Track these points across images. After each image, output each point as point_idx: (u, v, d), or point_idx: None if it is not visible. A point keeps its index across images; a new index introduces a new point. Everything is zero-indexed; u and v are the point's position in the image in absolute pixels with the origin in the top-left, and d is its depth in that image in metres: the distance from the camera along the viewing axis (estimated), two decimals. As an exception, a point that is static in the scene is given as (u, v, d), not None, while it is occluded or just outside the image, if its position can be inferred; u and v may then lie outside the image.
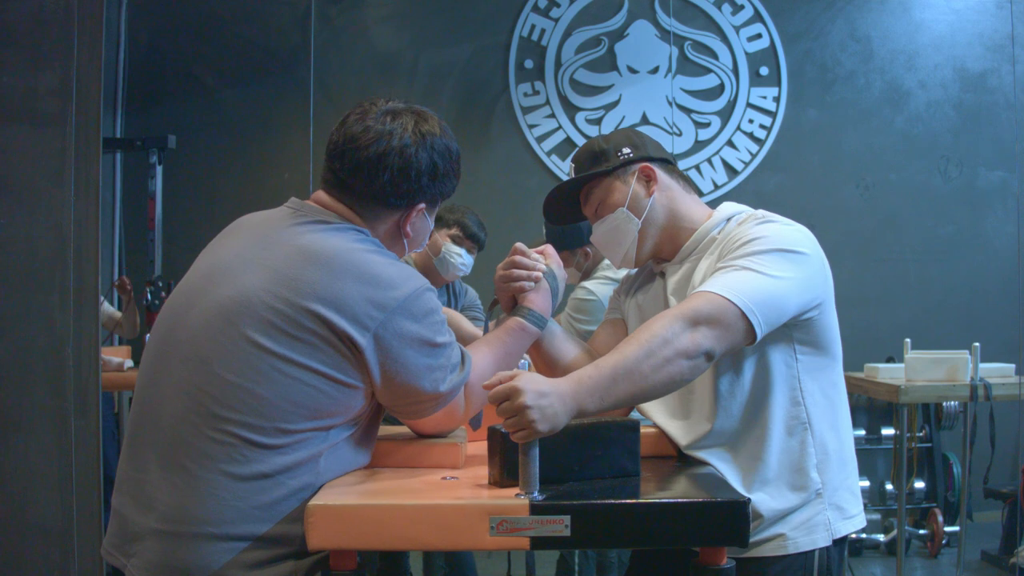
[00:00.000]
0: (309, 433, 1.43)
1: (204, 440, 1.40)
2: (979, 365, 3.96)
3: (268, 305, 1.42)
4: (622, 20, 5.48)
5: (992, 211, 5.47)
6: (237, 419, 1.40)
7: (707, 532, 1.35)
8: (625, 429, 1.52)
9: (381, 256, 1.50)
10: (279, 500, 1.41)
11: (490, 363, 1.63)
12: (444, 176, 1.61)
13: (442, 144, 1.60)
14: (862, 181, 5.46)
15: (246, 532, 1.39)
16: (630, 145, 1.80)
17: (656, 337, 1.47)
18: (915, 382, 3.99)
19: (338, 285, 1.42)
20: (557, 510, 1.32)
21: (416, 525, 1.33)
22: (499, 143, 5.47)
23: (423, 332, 1.48)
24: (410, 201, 1.58)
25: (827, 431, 1.68)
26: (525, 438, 1.35)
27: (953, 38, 5.48)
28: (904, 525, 4.19)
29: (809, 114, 5.50)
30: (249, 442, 1.40)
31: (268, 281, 1.43)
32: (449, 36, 5.46)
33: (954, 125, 5.49)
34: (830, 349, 1.71)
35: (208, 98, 5.41)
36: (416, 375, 1.48)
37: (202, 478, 1.39)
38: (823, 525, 1.65)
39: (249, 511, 1.39)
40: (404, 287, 1.46)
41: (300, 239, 1.48)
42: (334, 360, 1.42)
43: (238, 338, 1.41)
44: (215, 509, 1.38)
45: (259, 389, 1.40)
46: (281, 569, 1.41)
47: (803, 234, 1.67)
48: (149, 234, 5.02)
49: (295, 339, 1.41)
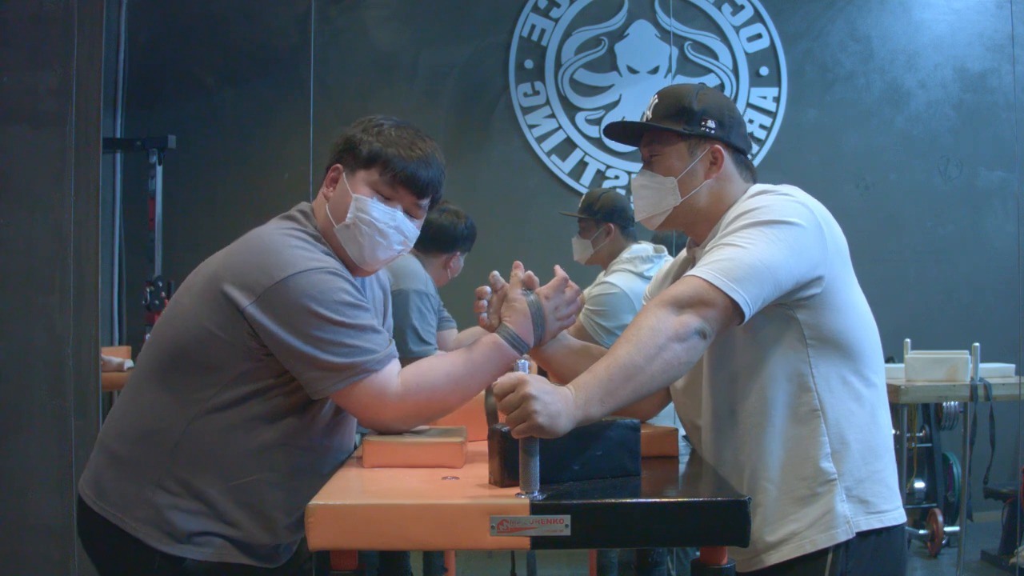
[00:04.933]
0: (198, 376, 1.63)
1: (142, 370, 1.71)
2: (979, 365, 3.96)
3: (200, 275, 1.69)
4: (622, 20, 5.48)
5: (992, 211, 5.47)
6: (155, 350, 1.69)
7: (708, 531, 1.35)
8: (626, 429, 1.51)
9: (295, 240, 1.65)
10: (161, 433, 1.64)
11: (445, 364, 1.65)
12: (353, 141, 1.73)
13: (360, 129, 1.75)
14: (862, 181, 5.46)
15: (116, 449, 1.68)
16: (717, 120, 1.70)
17: (643, 329, 1.45)
18: (915, 382, 3.99)
19: (237, 257, 1.65)
20: (558, 509, 1.31)
21: (416, 525, 1.32)
22: (499, 143, 5.47)
23: (311, 305, 1.57)
24: (331, 162, 1.76)
25: (846, 420, 1.60)
26: (525, 431, 1.33)
27: (953, 38, 5.48)
28: (904, 525, 4.19)
29: (809, 114, 5.50)
30: (149, 371, 1.68)
31: (213, 260, 1.70)
32: (449, 36, 5.46)
33: (954, 125, 5.49)
34: (849, 334, 1.61)
35: (208, 98, 5.41)
36: (306, 343, 1.57)
37: (128, 398, 1.71)
38: (842, 518, 1.58)
39: (134, 434, 1.66)
40: (298, 265, 1.59)
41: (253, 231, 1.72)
42: (220, 319, 1.61)
43: (179, 298, 1.71)
44: (117, 426, 1.70)
45: (170, 332, 1.67)
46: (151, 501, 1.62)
47: (797, 203, 1.60)
48: (149, 234, 5.01)
49: (203, 299, 1.63)
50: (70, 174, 2.74)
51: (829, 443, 1.59)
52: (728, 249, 1.53)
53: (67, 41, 2.73)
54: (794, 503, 1.60)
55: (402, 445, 1.60)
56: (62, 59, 2.73)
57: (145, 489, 1.61)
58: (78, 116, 2.75)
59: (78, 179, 2.74)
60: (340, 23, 5.45)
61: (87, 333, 2.74)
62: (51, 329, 2.72)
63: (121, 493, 1.63)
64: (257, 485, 1.64)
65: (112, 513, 1.63)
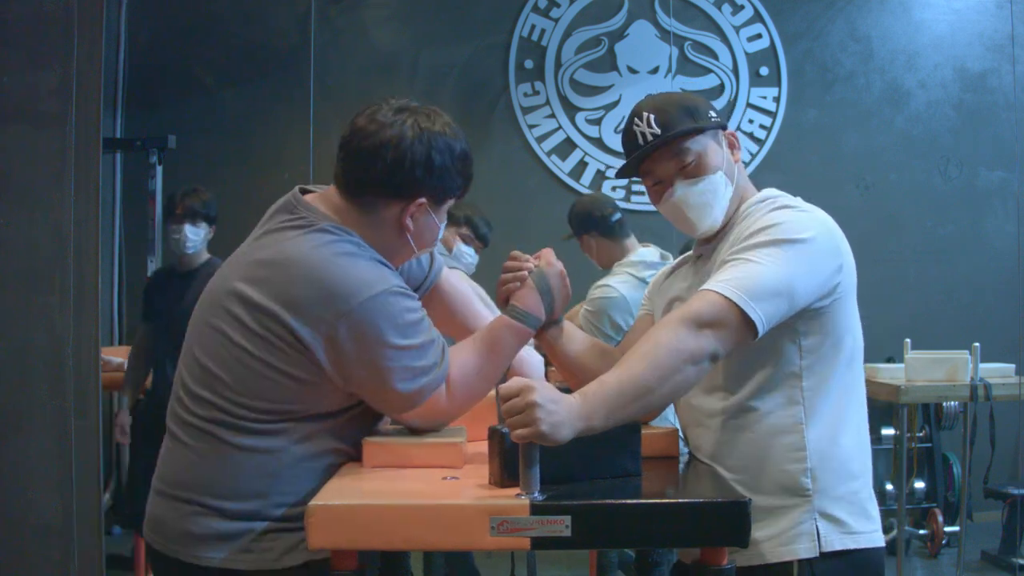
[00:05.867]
0: (272, 418, 1.52)
1: (187, 413, 1.56)
2: (979, 365, 3.96)
3: (237, 300, 1.53)
4: (622, 20, 5.48)
5: (992, 211, 5.47)
6: (208, 399, 1.54)
7: (708, 532, 1.35)
8: (626, 429, 1.51)
9: (347, 259, 1.53)
10: (245, 476, 1.52)
11: (472, 357, 1.65)
12: (443, 171, 1.61)
13: (443, 141, 1.61)
14: (862, 181, 5.46)
15: (213, 503, 1.53)
16: (712, 109, 1.71)
17: (661, 347, 1.44)
18: (915, 382, 3.99)
19: (294, 288, 1.50)
20: (558, 510, 1.31)
21: (416, 525, 1.32)
22: (499, 143, 5.47)
23: (381, 335, 1.50)
24: (407, 192, 1.60)
25: (826, 436, 1.59)
26: (524, 437, 1.33)
27: (953, 38, 5.49)
28: (904, 525, 4.20)
29: (809, 114, 5.50)
30: (218, 422, 1.53)
31: (242, 279, 1.55)
32: (449, 36, 5.46)
33: (954, 125, 5.49)
34: (842, 348, 1.62)
35: (208, 98, 5.41)
36: (376, 376, 1.52)
37: (189, 446, 1.56)
38: (808, 535, 1.56)
39: (215, 483, 1.53)
40: (362, 291, 1.49)
41: (278, 241, 1.57)
42: (289, 357, 1.50)
43: (214, 327, 1.55)
44: (189, 476, 1.55)
45: (223, 374, 1.52)
46: (241, 542, 1.52)
47: (814, 219, 1.60)
48: (149, 234, 5.01)
49: (255, 335, 1.50)
50: (70, 174, 2.73)
51: (808, 458, 1.59)
52: (748, 265, 1.52)
53: (67, 41, 2.73)
54: (763, 512, 1.56)
55: (402, 445, 1.60)
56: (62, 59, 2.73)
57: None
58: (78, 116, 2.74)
59: (78, 179, 2.74)
60: (340, 23, 5.45)
61: (87, 333, 2.74)
62: (51, 329, 2.71)
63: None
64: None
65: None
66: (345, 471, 1.57)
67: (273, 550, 1.52)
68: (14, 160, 2.74)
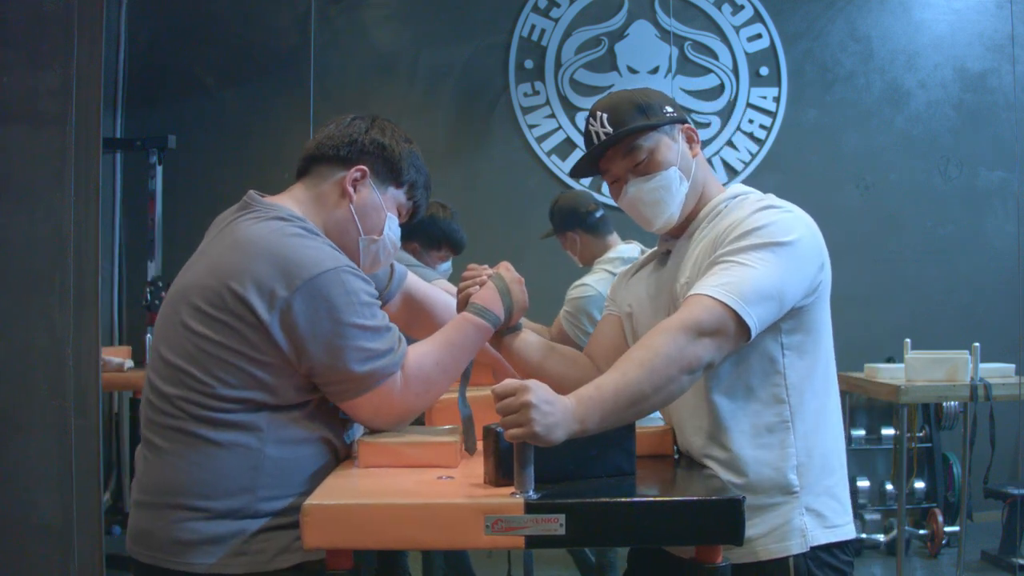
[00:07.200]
0: (242, 407, 1.52)
1: (160, 415, 1.55)
2: (979, 365, 3.96)
3: (198, 290, 1.54)
4: (622, 20, 5.48)
5: (992, 211, 5.47)
6: (178, 395, 1.53)
7: (702, 530, 1.35)
8: (621, 428, 1.51)
9: (301, 239, 1.56)
10: (227, 472, 1.51)
11: (430, 348, 1.65)
12: (388, 150, 1.69)
13: (396, 133, 1.71)
14: (862, 181, 5.46)
15: (198, 503, 1.51)
16: (669, 104, 1.73)
17: (659, 355, 1.45)
18: (915, 382, 3.99)
19: (252, 264, 1.51)
20: (552, 509, 1.32)
21: (411, 524, 1.33)
22: (499, 143, 5.47)
23: (334, 310, 1.51)
24: (349, 157, 1.68)
25: (811, 432, 1.62)
26: (519, 437, 1.33)
27: (953, 38, 5.48)
28: (904, 525, 4.19)
29: (809, 114, 5.50)
30: (191, 416, 1.52)
31: (203, 270, 1.57)
32: (449, 36, 5.46)
33: (954, 125, 5.49)
34: (820, 344, 1.65)
35: (208, 98, 5.41)
36: (330, 354, 1.52)
37: (166, 450, 1.54)
38: (798, 531, 1.59)
39: (198, 482, 1.51)
40: (317, 266, 1.51)
41: (235, 231, 1.59)
42: (247, 340, 1.50)
43: (176, 323, 1.55)
44: (170, 480, 1.53)
45: (189, 367, 1.52)
46: (233, 545, 1.51)
47: (798, 220, 1.62)
48: (149, 234, 5.02)
49: (215, 320, 1.51)
50: (70, 174, 2.74)
51: (796, 455, 1.61)
52: (741, 268, 1.53)
53: (67, 41, 2.73)
54: (753, 510, 1.57)
55: (397, 445, 1.60)
56: (62, 59, 2.73)
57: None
58: (78, 116, 2.75)
59: (78, 179, 2.74)
60: (340, 23, 5.45)
61: (87, 333, 2.74)
62: (51, 329, 2.71)
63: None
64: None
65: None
66: (340, 471, 1.58)
67: (266, 551, 1.51)
68: (14, 160, 2.75)
